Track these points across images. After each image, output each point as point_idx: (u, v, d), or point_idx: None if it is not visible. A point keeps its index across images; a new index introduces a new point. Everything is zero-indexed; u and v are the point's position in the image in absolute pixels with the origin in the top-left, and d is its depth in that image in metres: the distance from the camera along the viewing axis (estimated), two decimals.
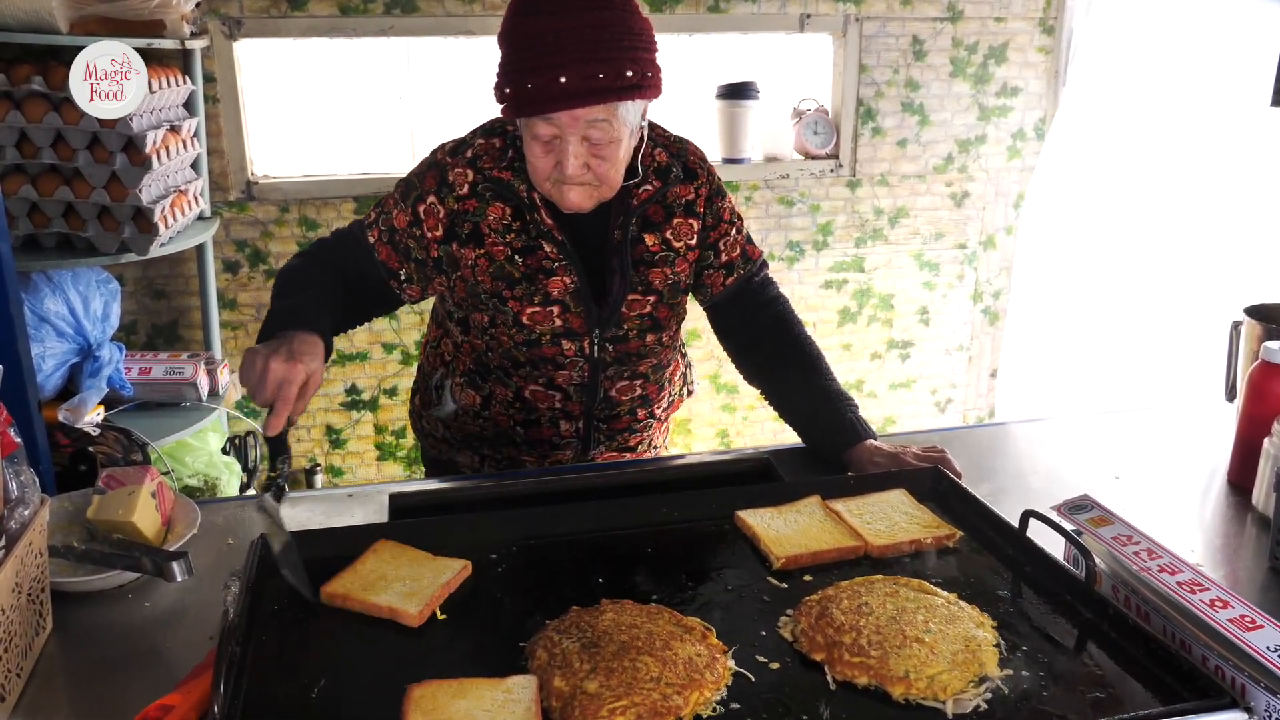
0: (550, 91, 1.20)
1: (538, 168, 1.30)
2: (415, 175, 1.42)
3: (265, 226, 3.05)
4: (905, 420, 3.78)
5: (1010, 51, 3.44)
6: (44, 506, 1.06)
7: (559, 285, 1.39)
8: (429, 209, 1.38)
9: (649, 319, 1.46)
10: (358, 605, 1.03)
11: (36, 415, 1.48)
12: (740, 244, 1.52)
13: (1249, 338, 1.49)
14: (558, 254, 1.38)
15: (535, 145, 1.28)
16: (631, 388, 1.52)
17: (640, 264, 1.42)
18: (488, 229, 1.37)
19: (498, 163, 1.37)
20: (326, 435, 3.29)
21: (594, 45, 1.20)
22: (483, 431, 1.54)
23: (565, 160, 1.26)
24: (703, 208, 1.46)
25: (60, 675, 1.02)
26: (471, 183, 1.37)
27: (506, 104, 1.26)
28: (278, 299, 1.34)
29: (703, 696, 0.89)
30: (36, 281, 2.39)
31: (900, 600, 1.01)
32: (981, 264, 3.68)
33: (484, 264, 1.38)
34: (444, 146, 1.43)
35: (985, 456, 1.51)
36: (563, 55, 1.19)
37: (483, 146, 1.39)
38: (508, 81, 1.24)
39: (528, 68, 1.21)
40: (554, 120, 1.24)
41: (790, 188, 3.41)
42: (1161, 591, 0.97)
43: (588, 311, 1.41)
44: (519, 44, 1.23)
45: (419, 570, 1.09)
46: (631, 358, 1.48)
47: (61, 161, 2.34)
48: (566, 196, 1.31)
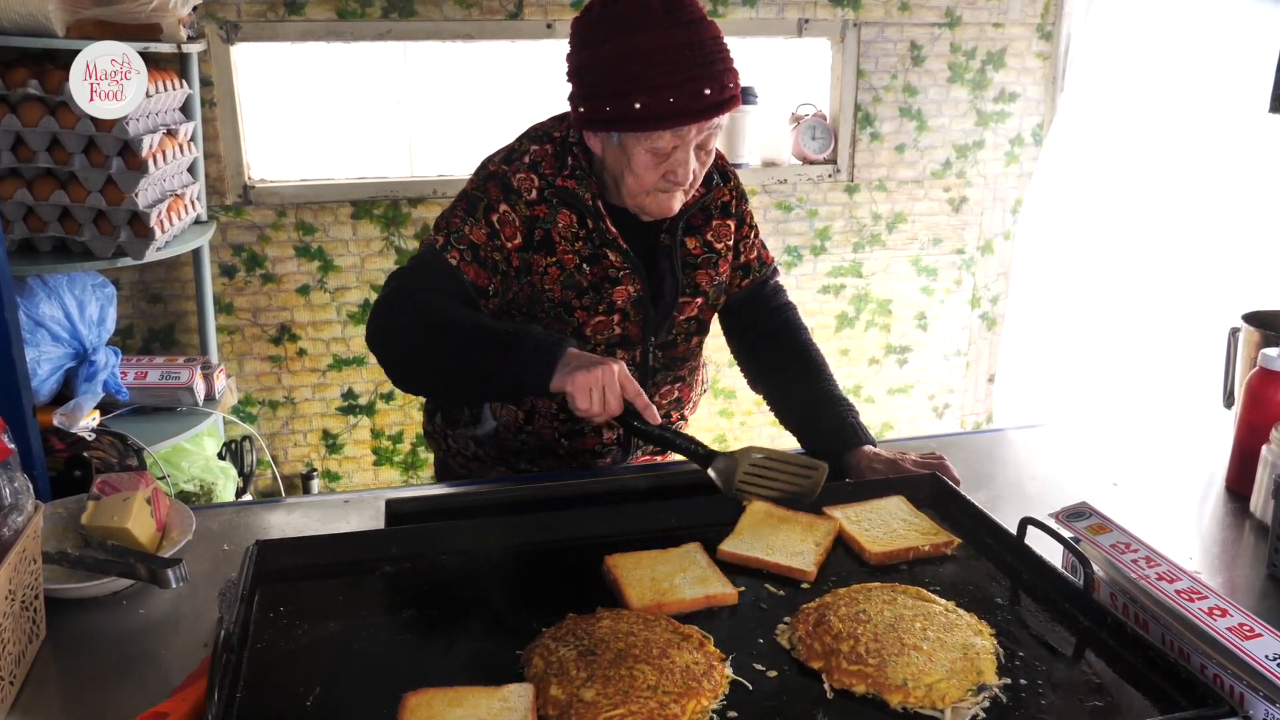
0: (697, 104, 1.23)
1: (644, 179, 1.30)
2: (474, 189, 1.37)
3: (262, 231, 3.05)
4: (902, 425, 3.78)
5: (1008, 57, 3.45)
6: (38, 513, 1.06)
7: (624, 294, 1.39)
8: (503, 218, 1.34)
9: (695, 322, 1.48)
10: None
11: (31, 420, 1.47)
12: (757, 247, 1.56)
13: (1247, 344, 1.49)
14: (622, 262, 1.38)
15: (648, 158, 1.28)
16: (671, 391, 1.54)
17: (687, 267, 1.44)
18: (558, 236, 1.36)
19: (558, 171, 1.36)
20: (323, 440, 3.28)
21: (718, 55, 1.25)
22: (524, 446, 1.52)
23: (683, 168, 1.29)
24: (734, 209, 1.49)
25: (54, 683, 1.01)
26: (539, 188, 1.35)
27: (634, 119, 1.24)
28: (437, 341, 1.24)
29: (700, 705, 0.88)
30: (32, 286, 2.39)
31: (898, 608, 1.01)
32: (979, 269, 3.68)
33: (555, 272, 1.37)
34: (493, 159, 1.40)
35: (983, 463, 1.51)
36: (702, 68, 1.23)
37: (538, 153, 1.37)
38: (638, 98, 1.23)
39: (667, 83, 1.22)
40: (682, 132, 1.25)
41: (788, 193, 3.41)
42: (1160, 600, 0.97)
43: (645, 319, 1.42)
44: (649, 60, 1.22)
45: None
46: (677, 362, 1.51)
47: (57, 165, 2.33)
48: (665, 203, 1.33)
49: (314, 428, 3.27)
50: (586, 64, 1.29)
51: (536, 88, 3.17)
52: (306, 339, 3.17)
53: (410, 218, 3.13)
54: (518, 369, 1.20)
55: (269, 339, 3.15)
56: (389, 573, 1.12)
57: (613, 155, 1.31)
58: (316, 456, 3.29)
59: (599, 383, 1.15)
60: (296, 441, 3.27)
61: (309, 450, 3.29)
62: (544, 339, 1.21)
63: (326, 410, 3.26)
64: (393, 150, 3.22)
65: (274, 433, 3.23)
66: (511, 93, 3.20)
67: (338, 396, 3.25)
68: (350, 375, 3.24)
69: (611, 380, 1.16)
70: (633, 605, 1.04)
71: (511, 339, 1.22)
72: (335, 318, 3.17)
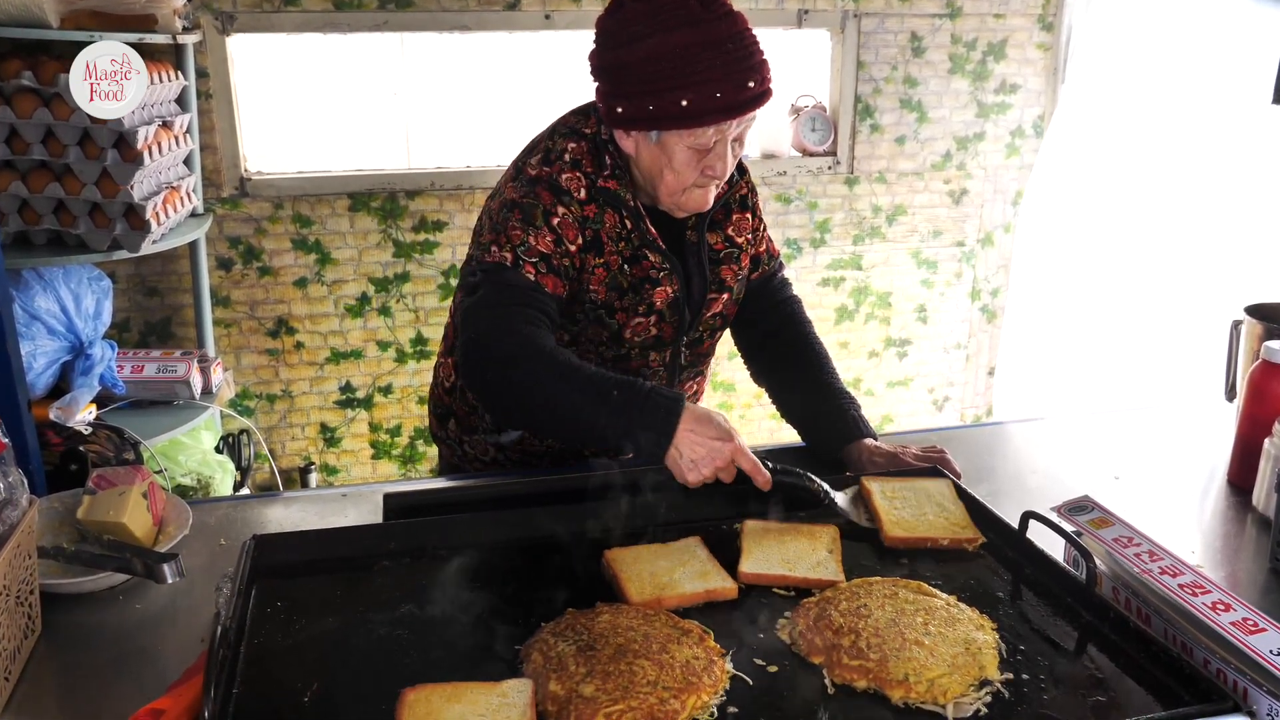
0: (743, 97, 1.23)
1: (683, 176, 1.28)
2: (523, 197, 1.31)
3: (259, 223, 3.03)
4: (902, 419, 3.77)
5: (1009, 48, 3.43)
6: (32, 507, 1.05)
7: (663, 295, 1.37)
8: (563, 221, 1.30)
9: (720, 318, 1.48)
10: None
11: (26, 415, 1.47)
12: (765, 240, 1.55)
13: (1249, 337, 1.48)
14: (662, 262, 1.36)
15: (689, 154, 1.26)
16: (691, 386, 1.54)
17: (712, 263, 1.43)
18: (606, 237, 1.33)
19: (599, 170, 1.33)
20: (321, 434, 3.27)
21: (755, 48, 1.25)
22: (548, 450, 1.50)
23: (721, 162, 1.28)
24: (750, 202, 1.49)
25: (49, 679, 1.00)
26: (585, 187, 1.32)
27: (679, 116, 1.22)
28: (546, 388, 1.19)
29: (700, 700, 0.88)
30: (27, 279, 2.37)
31: (899, 602, 1.00)
32: (980, 262, 3.67)
33: (601, 274, 1.34)
34: (529, 161, 1.34)
35: (984, 456, 1.50)
36: (743, 61, 1.22)
37: (577, 151, 1.33)
38: (683, 94, 1.21)
39: (713, 78, 1.21)
40: (725, 126, 1.24)
41: (788, 185, 3.40)
42: (1163, 594, 0.96)
43: (680, 320, 1.40)
44: (691, 55, 1.20)
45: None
46: (701, 359, 1.50)
47: (52, 158, 2.32)
48: (700, 199, 1.32)
49: (312, 421, 3.26)
50: (621, 61, 1.25)
51: (535, 79, 3.15)
52: (304, 332, 3.16)
53: (407, 210, 3.11)
54: (631, 428, 1.16)
55: (266, 332, 3.14)
56: (387, 568, 1.12)
57: (650, 154, 1.28)
58: (314, 450, 3.29)
59: (710, 463, 1.14)
60: (294, 435, 3.26)
61: (307, 444, 3.28)
62: (662, 401, 1.16)
63: (324, 404, 3.25)
64: (390, 142, 3.20)
65: (272, 426, 3.23)
66: (510, 84, 3.18)
67: (335, 390, 3.24)
68: (348, 369, 3.23)
69: (726, 464, 1.14)
70: (632, 600, 1.03)
71: (631, 396, 1.16)
72: (333, 311, 3.16)
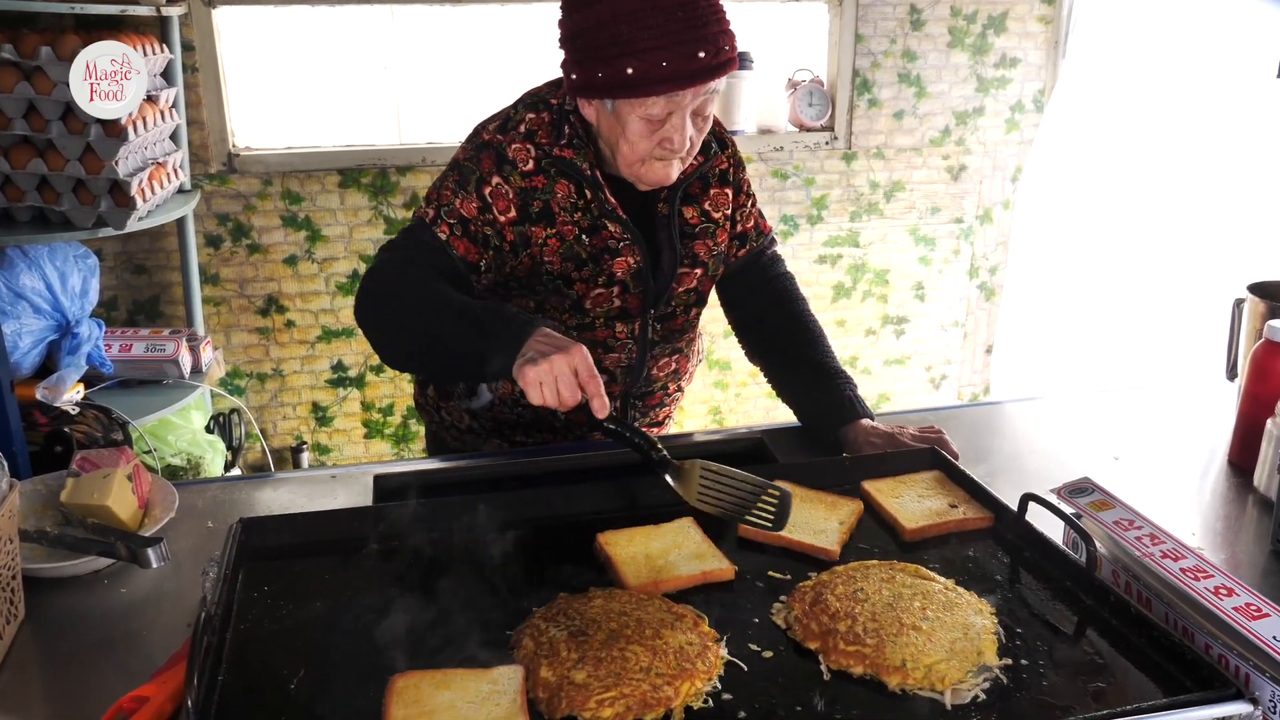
0: (690, 68, 1.18)
1: (637, 147, 1.25)
2: (466, 159, 1.33)
3: (248, 200, 2.99)
4: (899, 397, 3.76)
5: (1009, 21, 3.38)
6: (13, 491, 1.03)
7: (623, 266, 1.36)
8: (495, 190, 1.30)
9: (694, 293, 1.45)
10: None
11: (9, 395, 1.44)
12: (754, 216, 1.52)
13: (1251, 315, 1.47)
14: (622, 233, 1.34)
15: (641, 125, 1.23)
16: (669, 363, 1.51)
17: (684, 237, 1.41)
18: (557, 207, 1.32)
19: (555, 140, 1.31)
20: (313, 413, 3.25)
21: (713, 17, 1.20)
22: (519, 419, 1.50)
23: (679, 135, 1.24)
24: (732, 177, 1.46)
25: (33, 665, 0.99)
26: (535, 159, 1.31)
27: (626, 85, 1.19)
28: (414, 318, 1.20)
29: (694, 687, 0.86)
30: (12, 256, 2.33)
31: (896, 586, 0.99)
32: (978, 239, 3.64)
33: (554, 244, 1.33)
34: (486, 127, 1.35)
35: (982, 436, 1.49)
36: (694, 29, 1.18)
37: (534, 121, 1.32)
38: (629, 62, 1.18)
39: (658, 45, 1.17)
40: (677, 97, 1.21)
41: (784, 160, 3.36)
42: (1164, 578, 0.95)
43: (645, 291, 1.38)
44: (639, 21, 1.17)
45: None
46: (675, 334, 1.48)
47: (34, 133, 2.27)
48: (661, 172, 1.29)
49: (303, 400, 3.23)
50: (578, 27, 1.24)
51: (527, 52, 3.09)
52: (294, 310, 3.13)
53: (399, 186, 3.07)
54: (484, 351, 1.14)
55: (256, 310, 3.10)
56: (376, 551, 1.10)
57: (607, 123, 1.27)
58: (306, 429, 3.27)
59: (549, 375, 1.07)
60: (286, 414, 3.23)
61: (298, 423, 3.25)
62: (511, 320, 1.14)
63: (316, 383, 3.22)
64: (380, 117, 3.15)
65: (263, 405, 3.20)
66: (501, 57, 3.13)
67: (327, 369, 3.21)
68: (339, 347, 3.20)
69: (564, 371, 1.07)
70: (629, 584, 1.02)
71: (480, 318, 1.16)
72: (324, 289, 3.13)
